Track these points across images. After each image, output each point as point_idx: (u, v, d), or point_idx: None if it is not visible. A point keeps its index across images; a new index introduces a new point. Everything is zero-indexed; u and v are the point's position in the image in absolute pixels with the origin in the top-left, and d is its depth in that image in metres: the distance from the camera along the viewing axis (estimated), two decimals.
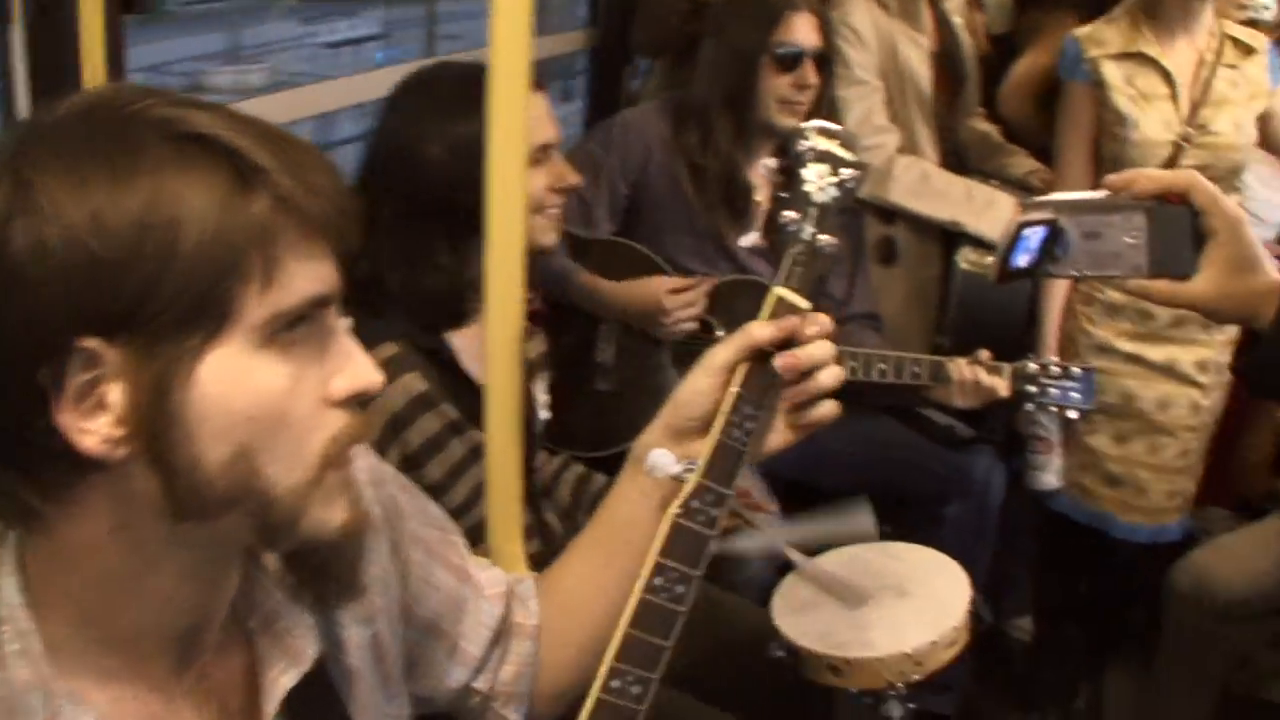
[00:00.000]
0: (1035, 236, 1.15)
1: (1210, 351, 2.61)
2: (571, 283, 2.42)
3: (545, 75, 3.33)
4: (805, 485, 2.48)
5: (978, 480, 2.68)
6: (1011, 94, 3.12)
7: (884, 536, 1.90)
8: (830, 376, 1.09)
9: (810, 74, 2.44)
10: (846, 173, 1.13)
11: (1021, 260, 1.16)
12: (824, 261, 1.13)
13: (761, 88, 2.44)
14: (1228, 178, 2.51)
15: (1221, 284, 1.11)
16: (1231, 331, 2.60)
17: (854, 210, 2.73)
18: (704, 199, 2.49)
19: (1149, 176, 1.13)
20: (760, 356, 1.08)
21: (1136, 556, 2.77)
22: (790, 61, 2.43)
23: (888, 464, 2.58)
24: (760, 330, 1.07)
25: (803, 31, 2.44)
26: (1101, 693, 2.93)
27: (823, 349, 1.08)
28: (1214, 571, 2.56)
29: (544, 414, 1.99)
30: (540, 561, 1.30)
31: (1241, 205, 2.70)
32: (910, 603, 1.75)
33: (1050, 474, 2.63)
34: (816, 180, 1.13)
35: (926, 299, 2.86)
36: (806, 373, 1.08)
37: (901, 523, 2.34)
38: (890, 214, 2.80)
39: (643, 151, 2.51)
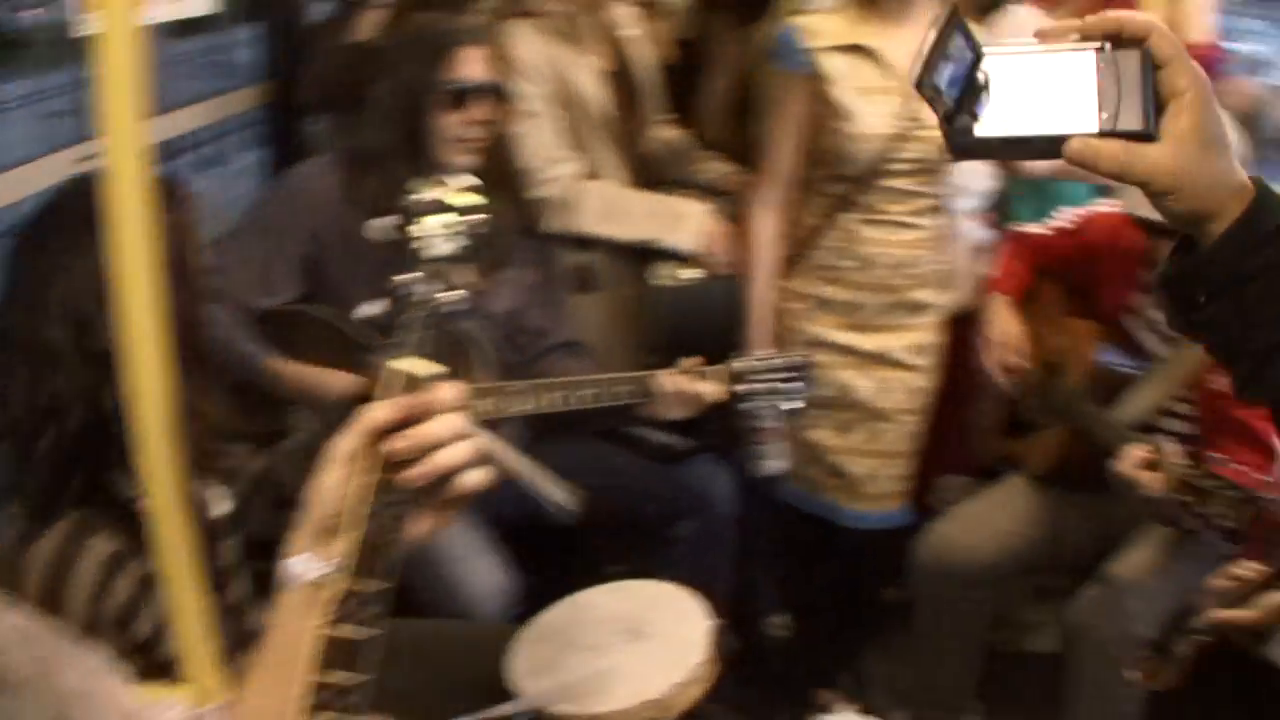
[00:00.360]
0: (948, 70, 0.89)
1: (921, 335, 2.65)
2: (258, 369, 2.28)
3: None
4: (529, 526, 2.38)
5: (704, 492, 2.67)
6: (712, 117, 3.13)
7: (612, 575, 1.85)
8: (459, 452, 0.98)
9: (482, 110, 2.37)
10: (461, 220, 1.04)
11: (949, 88, 0.89)
12: (456, 319, 1.03)
13: (433, 127, 2.36)
14: (945, 165, 2.53)
15: (1185, 157, 0.87)
16: (939, 313, 2.67)
17: (544, 239, 2.69)
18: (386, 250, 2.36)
19: (1098, 18, 0.89)
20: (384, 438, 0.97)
21: (869, 540, 2.80)
22: (459, 98, 2.35)
23: (610, 493, 2.50)
24: (376, 413, 0.96)
25: (471, 67, 2.37)
26: (861, 674, 2.97)
27: (444, 425, 0.97)
28: (958, 541, 2.62)
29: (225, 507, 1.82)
30: None
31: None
32: (649, 646, 1.72)
33: (776, 459, 2.58)
34: (431, 233, 1.03)
35: (630, 319, 2.83)
36: (441, 449, 0.97)
37: (635, 550, 2.29)
38: (585, 241, 2.76)
39: (315, 208, 2.39)
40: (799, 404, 2.34)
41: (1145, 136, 0.86)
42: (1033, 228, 2.78)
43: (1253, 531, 2.03)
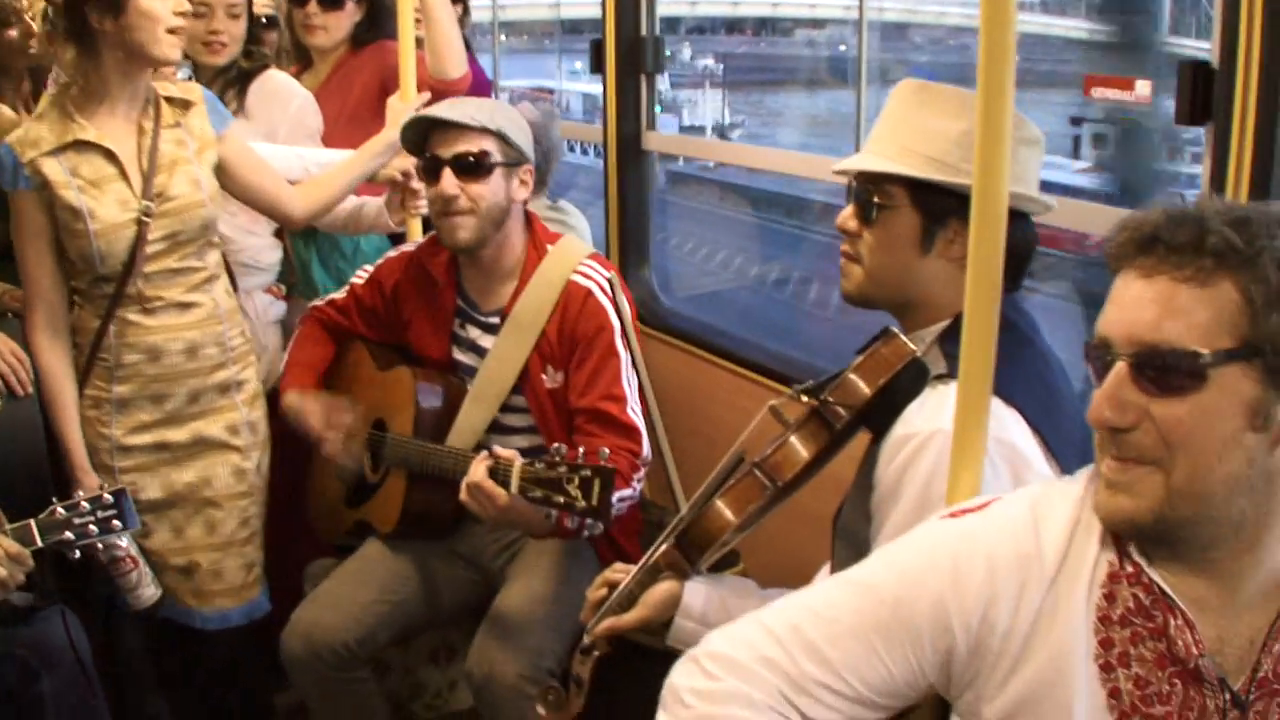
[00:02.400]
0: None
1: (237, 414, 2.57)
2: None
3: None
4: None
5: (58, 643, 2.40)
6: None
7: None
8: None
9: None
10: None
11: None
12: None
13: None
14: (202, 235, 2.47)
15: None
16: (250, 389, 2.61)
17: None
18: None
19: None
20: None
21: (243, 645, 2.68)
22: None
23: None
24: None
25: None
26: None
27: None
28: (322, 623, 2.49)
29: None
30: None
31: (228, 260, 2.72)
32: None
33: (146, 587, 2.49)
34: None
35: None
36: None
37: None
38: None
39: None
40: (130, 527, 2.24)
41: None
42: (334, 296, 2.79)
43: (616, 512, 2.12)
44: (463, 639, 2.65)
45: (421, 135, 2.48)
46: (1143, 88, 2.76)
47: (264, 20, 3.16)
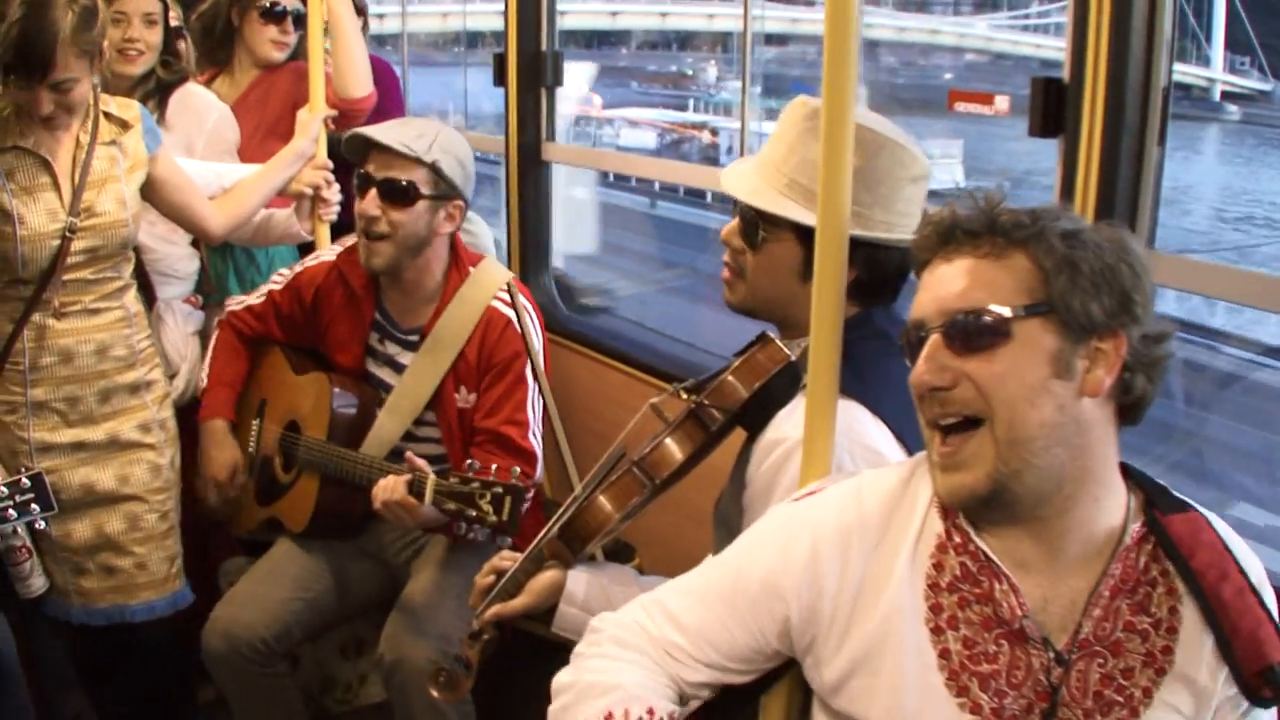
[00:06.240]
0: None
1: (148, 413, 2.62)
2: None
3: None
4: None
5: None
6: None
7: None
8: None
9: None
10: None
11: None
12: None
13: None
14: (121, 251, 2.53)
15: None
16: (161, 389, 2.67)
17: None
18: None
19: None
20: None
21: (168, 641, 2.75)
22: None
23: None
24: None
25: None
26: None
27: None
28: (240, 620, 2.56)
29: None
30: None
31: (146, 269, 2.82)
32: None
33: (36, 577, 2.54)
34: None
35: None
36: None
37: None
38: None
39: None
40: (43, 518, 2.31)
41: None
42: (247, 298, 2.84)
43: (523, 520, 2.19)
44: (371, 632, 2.74)
45: (364, 150, 2.51)
46: (1002, 103, 2.97)
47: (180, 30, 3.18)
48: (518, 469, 2.18)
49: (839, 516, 1.42)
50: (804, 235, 1.69)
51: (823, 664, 1.42)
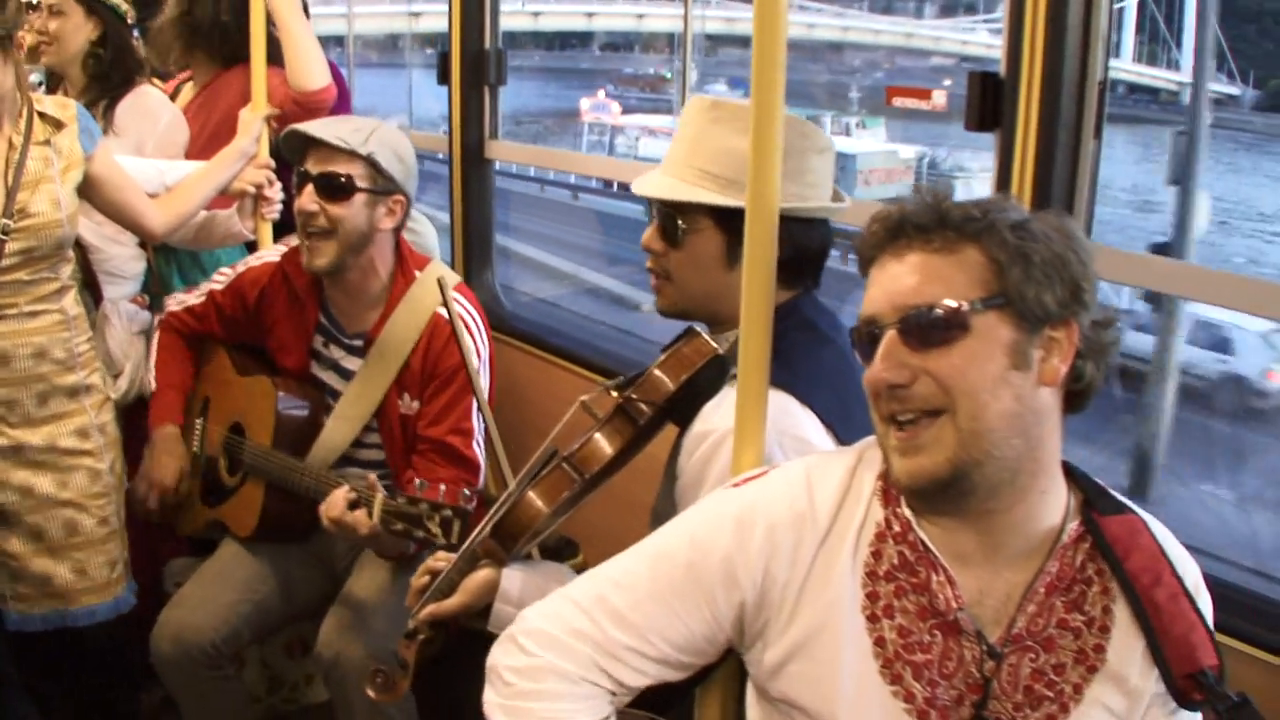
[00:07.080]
0: None
1: (86, 418, 2.60)
2: None
3: None
4: None
5: None
6: None
7: None
8: None
9: None
10: None
11: None
12: None
13: None
14: (57, 253, 2.49)
15: None
16: (101, 393, 2.64)
17: None
18: None
19: None
20: None
21: (111, 645, 2.72)
22: None
23: None
24: None
25: None
26: None
27: None
28: (187, 623, 2.54)
29: None
30: None
31: (93, 268, 2.80)
32: None
33: None
34: None
35: None
36: None
37: None
38: None
39: None
40: None
41: None
42: (187, 298, 2.82)
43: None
44: (315, 632, 2.68)
45: (303, 148, 2.50)
46: (939, 97, 3.01)
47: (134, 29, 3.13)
48: (466, 490, 2.15)
49: (791, 505, 1.42)
50: (721, 220, 1.75)
51: (768, 648, 1.42)
